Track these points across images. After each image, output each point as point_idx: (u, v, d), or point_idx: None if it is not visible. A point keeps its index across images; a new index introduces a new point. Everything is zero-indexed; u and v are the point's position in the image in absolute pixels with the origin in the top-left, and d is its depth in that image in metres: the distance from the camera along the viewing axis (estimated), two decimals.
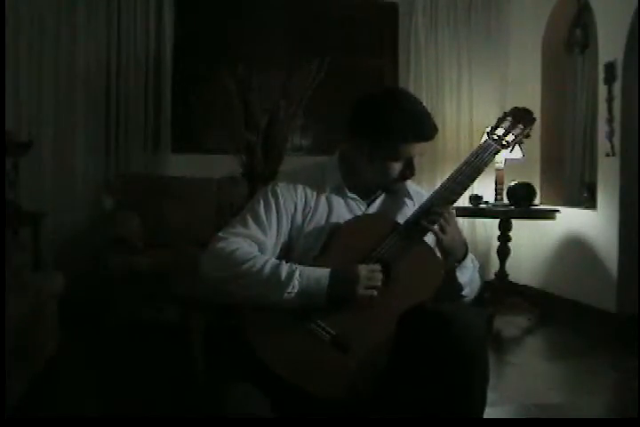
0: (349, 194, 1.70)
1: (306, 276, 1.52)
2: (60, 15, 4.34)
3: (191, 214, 4.19)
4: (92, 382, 2.94)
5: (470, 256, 1.69)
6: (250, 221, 1.63)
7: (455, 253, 1.65)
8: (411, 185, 1.77)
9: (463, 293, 1.69)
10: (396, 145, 1.61)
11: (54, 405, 2.62)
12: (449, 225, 1.60)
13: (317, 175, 1.71)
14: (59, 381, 2.90)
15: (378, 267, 1.56)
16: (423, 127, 1.62)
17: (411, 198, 1.75)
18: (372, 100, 1.67)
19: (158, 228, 4.10)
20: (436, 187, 1.67)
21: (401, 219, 1.68)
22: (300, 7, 4.81)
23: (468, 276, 1.68)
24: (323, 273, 1.53)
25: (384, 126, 1.61)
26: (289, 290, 1.50)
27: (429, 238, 1.66)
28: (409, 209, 1.71)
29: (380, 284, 1.54)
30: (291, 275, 1.51)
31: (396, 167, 1.65)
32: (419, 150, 1.64)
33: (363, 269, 1.53)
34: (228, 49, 4.57)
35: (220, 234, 1.62)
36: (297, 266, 1.54)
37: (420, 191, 1.79)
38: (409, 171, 1.66)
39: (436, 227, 1.59)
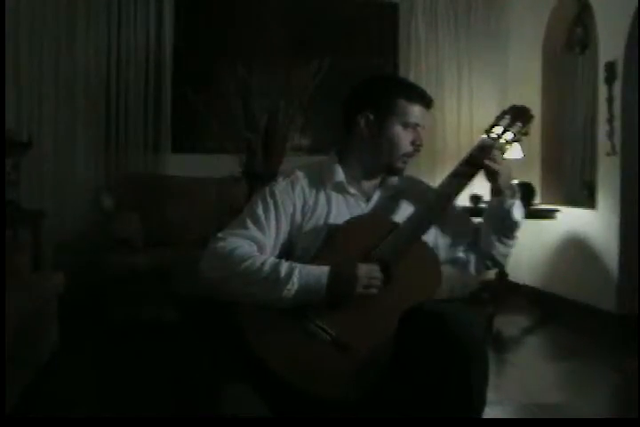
0: (349, 190, 1.70)
1: (305, 274, 1.52)
2: (60, 15, 4.35)
3: (191, 214, 4.19)
4: (91, 381, 2.94)
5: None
6: (249, 222, 1.63)
7: (511, 187, 1.69)
8: (410, 177, 1.79)
9: (517, 233, 1.72)
10: (401, 105, 1.66)
11: (54, 405, 2.62)
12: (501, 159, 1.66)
13: (316, 173, 1.72)
14: (59, 381, 2.90)
15: (377, 266, 1.55)
16: (424, 91, 1.71)
17: (409, 190, 1.75)
18: (372, 77, 1.78)
19: (158, 227, 4.11)
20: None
21: (402, 212, 1.68)
22: (300, 7, 4.81)
23: (521, 214, 1.71)
24: (322, 271, 1.53)
25: (389, 88, 1.69)
26: (288, 287, 1.50)
27: (429, 237, 1.67)
28: (408, 202, 1.72)
29: (379, 283, 1.54)
30: (290, 273, 1.51)
31: (404, 137, 1.67)
32: (422, 118, 1.68)
33: (362, 268, 1.53)
34: (228, 49, 4.56)
35: (220, 235, 1.62)
36: (296, 264, 1.54)
37: (416, 178, 1.81)
38: (418, 141, 1.69)
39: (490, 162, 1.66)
